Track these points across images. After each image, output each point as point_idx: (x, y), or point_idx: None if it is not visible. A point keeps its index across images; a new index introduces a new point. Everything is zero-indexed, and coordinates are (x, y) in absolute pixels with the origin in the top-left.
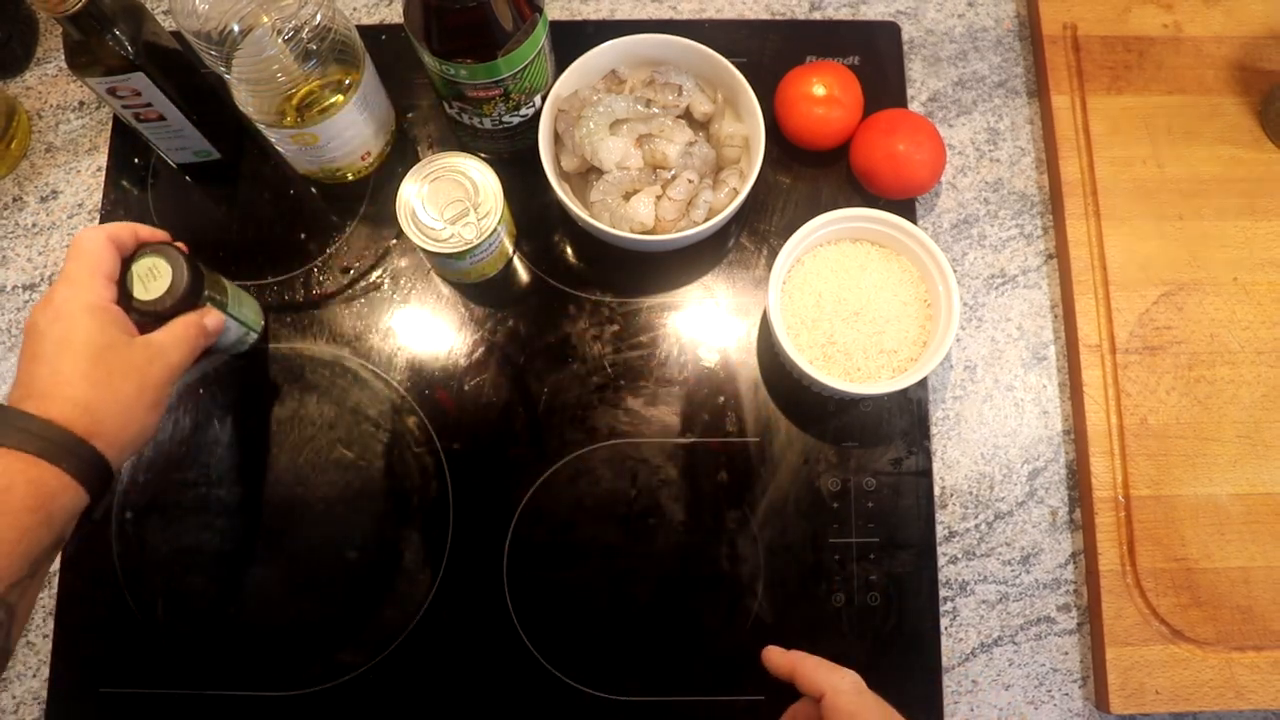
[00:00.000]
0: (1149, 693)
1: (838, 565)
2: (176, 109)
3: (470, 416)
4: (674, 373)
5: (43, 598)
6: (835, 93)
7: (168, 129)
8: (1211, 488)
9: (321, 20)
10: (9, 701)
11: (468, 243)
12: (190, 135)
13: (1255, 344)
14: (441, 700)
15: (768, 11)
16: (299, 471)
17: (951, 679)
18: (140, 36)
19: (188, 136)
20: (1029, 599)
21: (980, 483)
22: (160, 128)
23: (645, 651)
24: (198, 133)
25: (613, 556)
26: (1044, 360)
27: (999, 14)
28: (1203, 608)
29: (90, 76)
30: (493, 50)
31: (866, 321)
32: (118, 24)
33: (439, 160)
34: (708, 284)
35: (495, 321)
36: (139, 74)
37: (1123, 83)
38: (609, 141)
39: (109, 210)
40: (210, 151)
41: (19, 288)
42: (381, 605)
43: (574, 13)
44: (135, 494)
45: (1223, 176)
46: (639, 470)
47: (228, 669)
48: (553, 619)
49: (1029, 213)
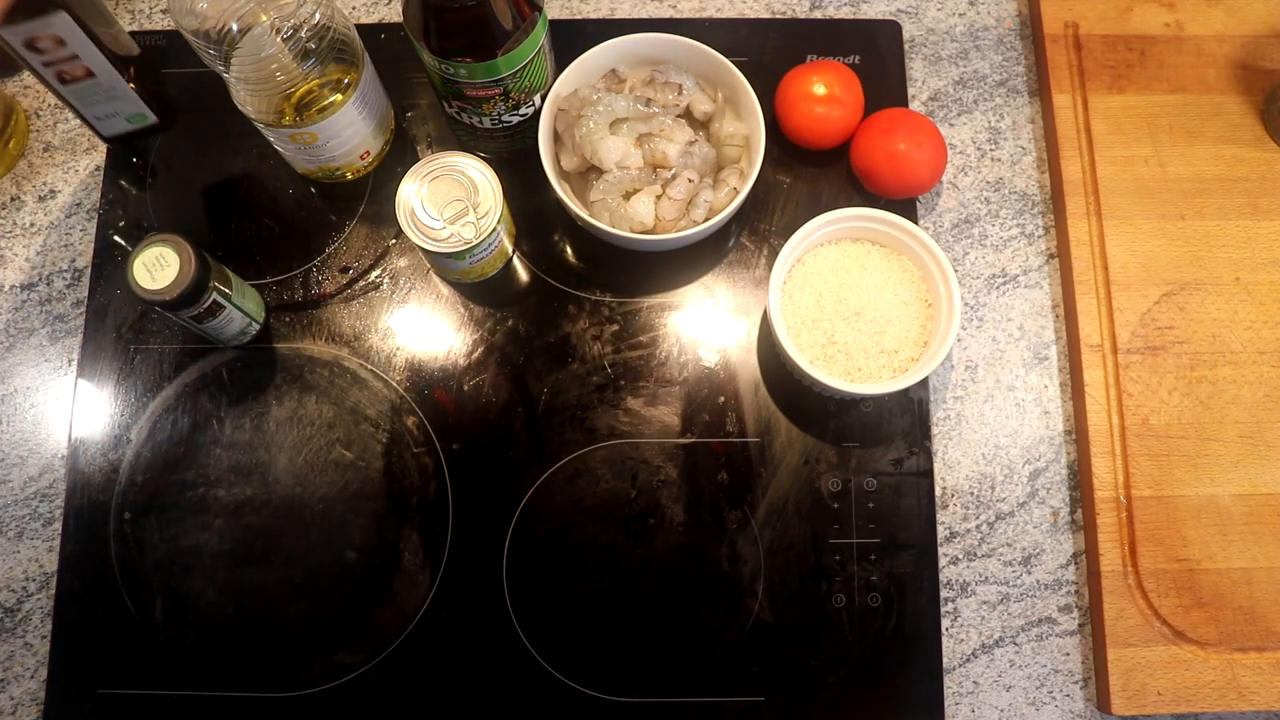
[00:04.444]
0: (1151, 694)
1: (838, 566)
2: (105, 59)
3: (470, 416)
4: (674, 373)
5: (40, 598)
6: (836, 92)
7: (97, 88)
8: (1213, 488)
9: (320, 19)
10: (6, 703)
11: (467, 242)
12: (123, 94)
13: (1257, 344)
14: (441, 701)
15: (768, 10)
16: (298, 472)
17: (952, 680)
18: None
19: (120, 97)
20: (1030, 600)
21: (981, 483)
22: (88, 88)
23: (645, 652)
24: (131, 91)
25: (613, 557)
26: (1045, 360)
27: (1000, 13)
28: (1205, 608)
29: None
30: (492, 49)
31: (867, 321)
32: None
33: (438, 160)
34: (708, 284)
35: (495, 321)
36: (61, 14)
37: (1124, 82)
38: (609, 141)
39: (107, 210)
40: (145, 115)
41: (17, 287)
42: (380, 606)
43: (574, 11)
44: (134, 495)
45: (1225, 176)
46: (639, 470)
47: (226, 670)
48: (552, 619)
49: (1030, 212)
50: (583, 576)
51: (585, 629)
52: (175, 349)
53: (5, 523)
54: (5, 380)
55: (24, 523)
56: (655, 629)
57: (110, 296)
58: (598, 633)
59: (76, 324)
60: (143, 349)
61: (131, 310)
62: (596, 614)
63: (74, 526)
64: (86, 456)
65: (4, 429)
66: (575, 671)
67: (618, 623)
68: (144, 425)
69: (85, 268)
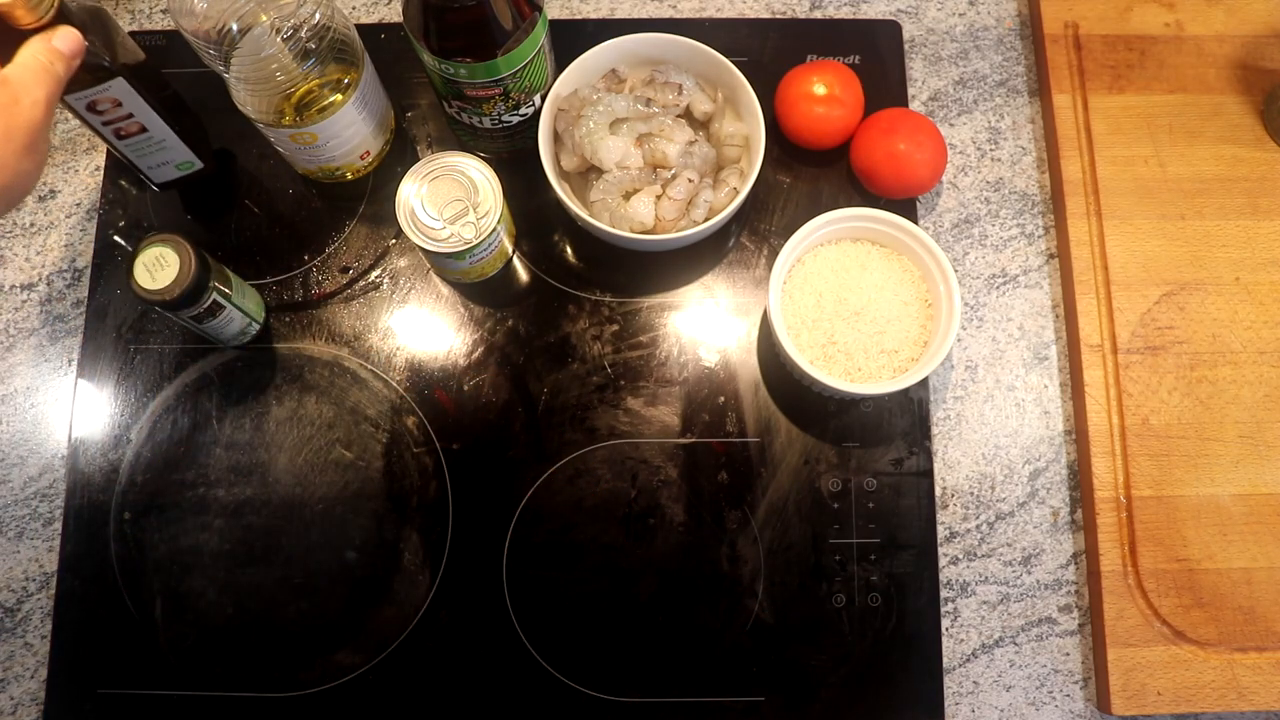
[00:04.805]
0: (1151, 694)
1: (838, 566)
2: (157, 116)
3: (470, 416)
4: (674, 373)
5: (40, 598)
6: (836, 92)
7: (149, 142)
8: (1213, 488)
9: (320, 19)
10: (6, 703)
11: (467, 242)
12: (173, 146)
13: (1257, 344)
14: (441, 701)
15: (768, 10)
16: (298, 472)
17: (952, 680)
18: (113, 42)
19: (170, 148)
20: (1030, 600)
21: (981, 483)
22: (141, 142)
23: (645, 652)
24: (180, 143)
25: (613, 557)
26: (1045, 360)
27: (1000, 13)
28: (1205, 609)
29: (68, 93)
30: (492, 49)
31: (867, 321)
32: (89, 33)
33: (438, 160)
34: (708, 284)
35: (495, 321)
36: (118, 80)
37: (1124, 82)
38: (609, 141)
39: (107, 210)
40: (193, 163)
41: (17, 287)
42: (380, 606)
43: (574, 11)
44: (134, 495)
45: (1225, 176)
46: (639, 470)
47: (226, 670)
48: (552, 619)
49: (1030, 212)
50: (583, 576)
51: (585, 629)
52: (175, 349)
53: (5, 523)
54: (5, 380)
55: (24, 523)
56: (655, 629)
57: (110, 296)
58: (598, 633)
59: (76, 324)
60: (143, 349)
61: (131, 310)
62: (596, 614)
63: (74, 526)
64: (86, 456)
65: (4, 429)
66: (575, 671)
67: (618, 623)
68: (144, 425)
69: (85, 268)
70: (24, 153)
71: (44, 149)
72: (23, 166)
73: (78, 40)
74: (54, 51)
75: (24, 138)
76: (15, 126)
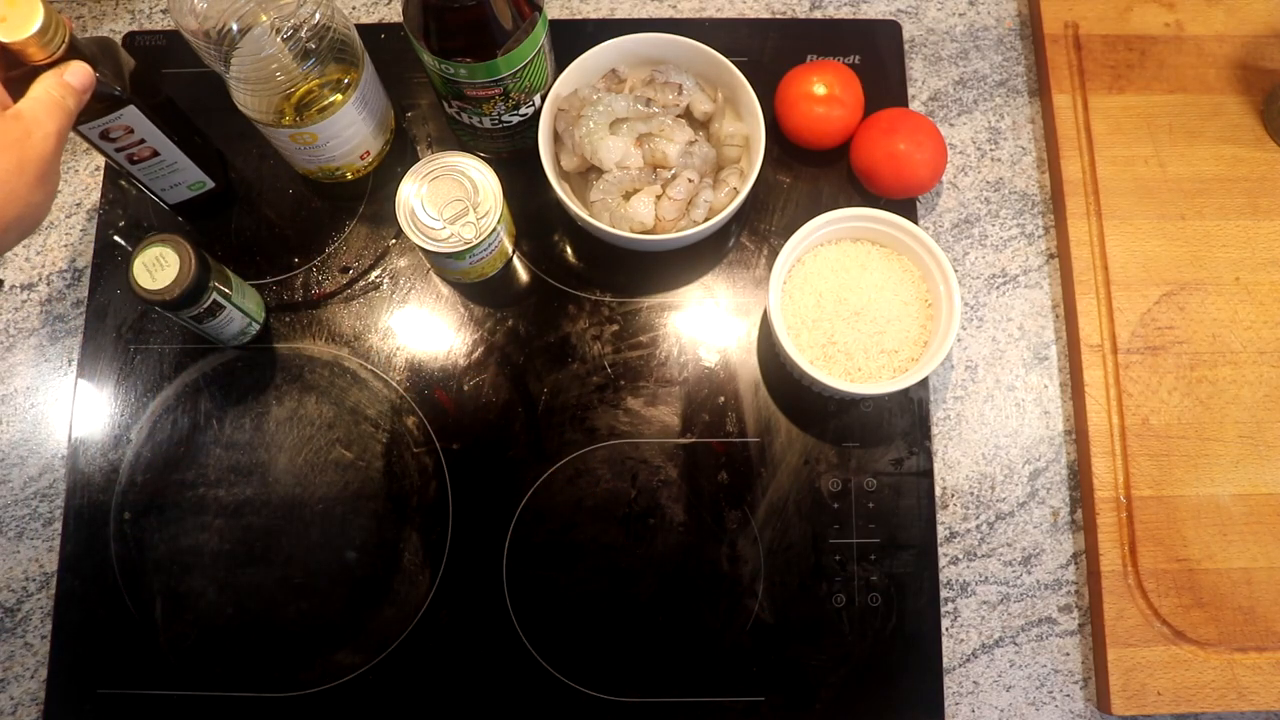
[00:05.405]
0: (1151, 694)
1: (838, 566)
2: (168, 139)
3: (470, 416)
4: (674, 373)
5: (40, 598)
6: (836, 92)
7: (161, 165)
8: (1213, 488)
9: (320, 19)
10: (6, 703)
11: (467, 242)
12: (184, 168)
13: (1257, 344)
14: (441, 701)
15: (768, 10)
16: (298, 472)
17: (952, 680)
18: (122, 70)
19: (181, 170)
20: (1030, 600)
21: (981, 483)
22: (153, 166)
23: (645, 652)
24: (191, 164)
25: (613, 557)
26: (1045, 360)
27: (1000, 13)
28: (1205, 608)
29: (82, 123)
30: (492, 49)
31: (867, 321)
32: (99, 65)
33: (438, 160)
34: (708, 284)
35: (495, 321)
36: (130, 108)
37: (1124, 82)
38: (609, 141)
39: (107, 210)
40: (204, 182)
41: (17, 287)
42: (380, 606)
43: (574, 11)
44: (134, 495)
45: (1225, 176)
46: (639, 470)
47: (226, 670)
48: (552, 620)
49: (1030, 212)
50: (583, 576)
51: (585, 629)
52: (175, 349)
53: (5, 523)
54: (5, 380)
55: (24, 523)
56: (655, 629)
57: (110, 296)
58: (598, 633)
59: (76, 324)
60: (143, 349)
61: (131, 310)
62: (596, 614)
63: (74, 526)
64: (86, 456)
65: (4, 429)
66: (575, 671)
67: (618, 623)
68: (144, 425)
69: (85, 268)
70: (36, 184)
71: (55, 180)
72: (35, 198)
73: (88, 74)
74: (66, 86)
75: (36, 170)
76: (28, 159)
